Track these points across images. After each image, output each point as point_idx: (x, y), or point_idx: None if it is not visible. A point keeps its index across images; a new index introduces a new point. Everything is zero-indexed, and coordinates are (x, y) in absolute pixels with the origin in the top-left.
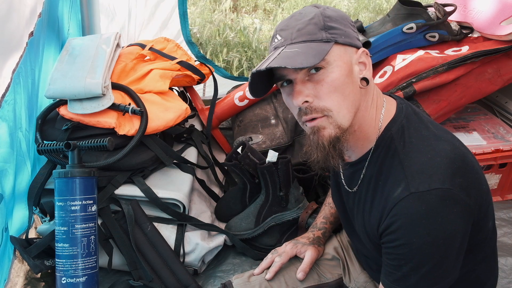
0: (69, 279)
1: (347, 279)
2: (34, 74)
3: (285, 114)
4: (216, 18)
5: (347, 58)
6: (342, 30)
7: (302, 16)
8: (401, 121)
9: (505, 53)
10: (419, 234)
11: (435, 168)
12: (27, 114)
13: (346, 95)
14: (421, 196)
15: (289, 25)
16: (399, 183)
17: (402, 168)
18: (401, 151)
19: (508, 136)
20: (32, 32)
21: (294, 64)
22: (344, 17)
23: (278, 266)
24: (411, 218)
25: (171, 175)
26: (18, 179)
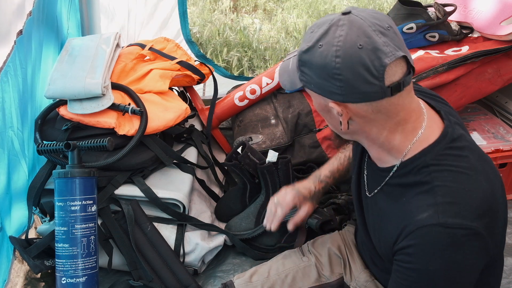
0: (69, 279)
1: (348, 277)
2: (26, 72)
3: (285, 114)
4: (216, 18)
5: (320, 100)
6: (313, 80)
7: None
8: (442, 149)
9: (505, 53)
10: (437, 263)
11: (469, 204)
12: (18, 113)
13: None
14: (448, 229)
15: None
16: (427, 208)
17: (433, 195)
18: (436, 178)
19: (508, 136)
20: (21, 31)
21: (280, 80)
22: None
23: (280, 218)
24: (433, 246)
25: (171, 175)
26: (14, 178)
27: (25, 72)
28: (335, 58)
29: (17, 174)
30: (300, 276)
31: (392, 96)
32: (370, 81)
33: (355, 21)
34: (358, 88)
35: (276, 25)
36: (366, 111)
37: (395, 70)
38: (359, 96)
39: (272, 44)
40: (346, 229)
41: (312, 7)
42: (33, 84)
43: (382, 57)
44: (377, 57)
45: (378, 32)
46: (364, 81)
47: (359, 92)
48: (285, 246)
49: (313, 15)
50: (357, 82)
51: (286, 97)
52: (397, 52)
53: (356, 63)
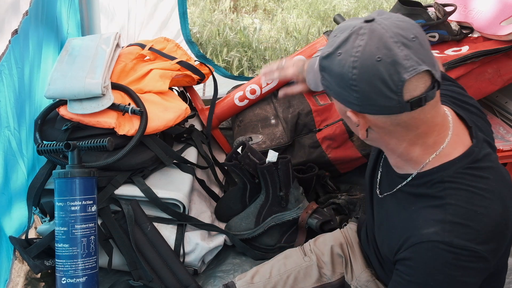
0: (69, 279)
1: (349, 276)
2: (23, 72)
3: (285, 114)
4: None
5: (341, 106)
6: (332, 87)
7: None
8: (462, 166)
9: (505, 53)
10: (437, 278)
11: (478, 228)
12: (15, 112)
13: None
14: (452, 249)
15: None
16: (435, 224)
17: (444, 211)
18: (449, 196)
19: (508, 136)
20: (16, 30)
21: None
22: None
23: (273, 79)
24: (434, 263)
25: (171, 175)
26: (12, 178)
27: (21, 71)
28: (352, 69)
29: (15, 174)
30: (301, 276)
31: (412, 111)
32: (388, 95)
33: (376, 31)
34: (375, 101)
35: (276, 25)
36: (385, 122)
37: (415, 85)
38: (376, 108)
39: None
40: (348, 227)
41: (312, 7)
42: (31, 83)
43: (401, 71)
44: (396, 71)
45: (400, 44)
46: (381, 95)
47: (376, 105)
48: (285, 246)
49: (313, 15)
50: (374, 95)
51: (286, 97)
52: (419, 67)
53: (373, 76)
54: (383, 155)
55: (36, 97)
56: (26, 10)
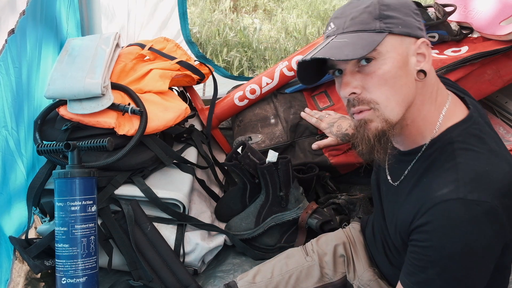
0: (69, 280)
1: (351, 276)
2: (21, 71)
3: (286, 114)
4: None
5: (403, 49)
6: (400, 19)
7: (359, 3)
8: (467, 128)
9: (505, 53)
10: (454, 240)
11: (490, 182)
12: (12, 112)
13: (397, 88)
14: (467, 204)
15: (344, 13)
16: (448, 184)
17: (456, 171)
18: (459, 156)
19: (508, 136)
20: (13, 30)
21: (340, 55)
22: (406, 4)
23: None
24: (451, 222)
25: (171, 175)
26: (11, 177)
27: (19, 71)
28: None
29: (13, 173)
30: (303, 276)
31: None
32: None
33: None
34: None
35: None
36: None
37: None
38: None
39: (272, 44)
40: (351, 226)
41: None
42: (29, 83)
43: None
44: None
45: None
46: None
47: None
48: (285, 246)
49: (313, 15)
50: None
51: (286, 97)
52: None
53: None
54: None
55: (36, 97)
56: (23, 10)
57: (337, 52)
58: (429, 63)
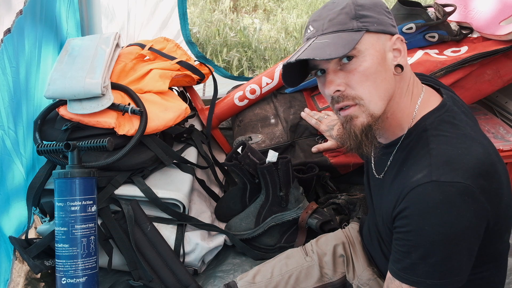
0: (69, 280)
1: (351, 275)
2: (18, 71)
3: (286, 114)
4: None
5: (380, 46)
6: (375, 18)
7: (335, 5)
8: (441, 115)
9: (504, 53)
10: (432, 223)
11: (462, 164)
12: (9, 111)
13: (378, 83)
14: (441, 186)
15: (321, 15)
16: (422, 170)
17: (429, 156)
18: (432, 141)
19: (508, 136)
20: (9, 29)
21: (323, 55)
22: (378, 4)
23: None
24: (426, 205)
25: (171, 175)
26: (8, 177)
27: (16, 71)
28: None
29: (11, 173)
30: (303, 276)
31: None
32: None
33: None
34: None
35: (276, 25)
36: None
37: None
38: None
39: (272, 44)
40: (350, 226)
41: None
42: (28, 83)
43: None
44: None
45: None
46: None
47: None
48: (285, 246)
49: None
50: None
51: (286, 97)
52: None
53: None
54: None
55: (36, 97)
56: (20, 9)
57: (320, 53)
58: (404, 57)
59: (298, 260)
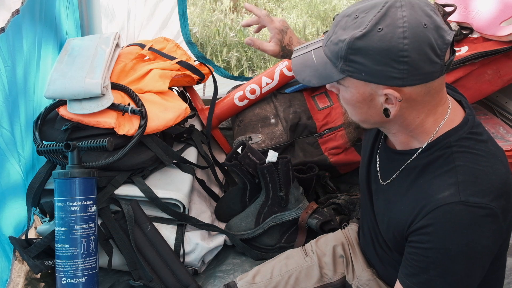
0: (69, 280)
1: (350, 276)
2: (14, 70)
3: (286, 114)
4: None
5: (366, 90)
6: (367, 66)
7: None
8: (464, 132)
9: (505, 53)
10: (457, 243)
11: (490, 184)
12: (4, 111)
13: (357, 111)
14: (470, 207)
15: (339, 24)
16: (449, 187)
17: (455, 174)
18: (458, 158)
19: (508, 136)
20: (3, 28)
21: (300, 76)
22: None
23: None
24: (454, 225)
25: (171, 175)
26: (2, 176)
27: (11, 70)
28: (403, 40)
29: (5, 172)
30: (303, 276)
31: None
32: (434, 61)
33: (412, 2)
34: (422, 69)
35: None
36: (419, 93)
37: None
38: (420, 77)
39: None
40: (350, 227)
41: (311, 7)
42: (27, 82)
43: (444, 35)
44: (440, 36)
45: (433, 12)
46: (428, 61)
47: (422, 73)
48: (285, 246)
49: (312, 15)
50: (422, 62)
51: (286, 97)
52: (450, 30)
53: (423, 42)
54: (378, 145)
55: (36, 97)
56: (16, 9)
57: (301, 71)
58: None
59: (297, 261)
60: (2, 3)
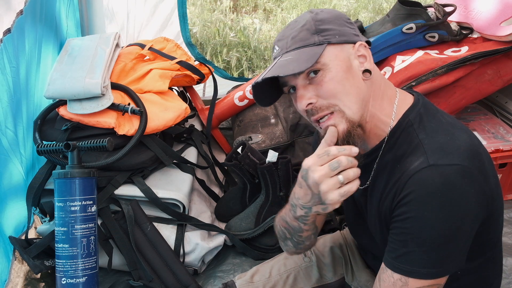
0: (69, 280)
1: (350, 277)
2: (18, 71)
3: (286, 114)
4: (215, 18)
5: (344, 55)
6: (335, 30)
7: (296, 24)
8: (419, 109)
9: (505, 54)
10: (432, 208)
11: (455, 147)
12: (9, 112)
13: (347, 89)
14: (440, 168)
15: (285, 35)
16: (418, 158)
17: (421, 146)
18: (420, 133)
19: (508, 136)
20: (9, 29)
21: (286, 71)
22: (338, 16)
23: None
24: (427, 190)
25: (171, 175)
26: (5, 176)
27: (16, 70)
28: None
29: (8, 172)
30: (301, 276)
31: None
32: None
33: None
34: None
35: (275, 25)
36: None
37: None
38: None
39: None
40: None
41: (311, 7)
42: (28, 83)
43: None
44: None
45: None
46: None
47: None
48: None
49: None
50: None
51: (286, 97)
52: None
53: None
54: None
55: (36, 97)
56: (20, 9)
57: (284, 70)
58: (370, 62)
59: (296, 261)
60: (9, 6)
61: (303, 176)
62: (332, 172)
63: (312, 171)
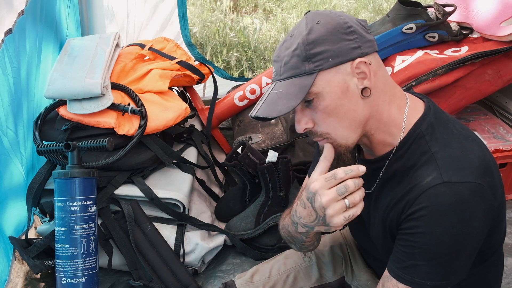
0: (69, 280)
1: (350, 277)
2: (19, 71)
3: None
4: (215, 18)
5: (338, 79)
6: (329, 51)
7: (290, 43)
8: (430, 119)
9: (505, 54)
10: (443, 225)
11: (468, 163)
12: (9, 111)
13: (341, 116)
14: (453, 187)
15: (280, 55)
16: (430, 173)
17: (434, 160)
18: (433, 146)
19: (508, 136)
20: (10, 29)
21: (274, 113)
22: (335, 29)
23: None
24: (439, 207)
25: (171, 175)
26: (6, 177)
27: (17, 71)
28: (340, 17)
29: (8, 172)
30: (301, 276)
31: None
32: (368, 30)
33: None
34: (365, 37)
35: (275, 25)
36: (375, 64)
37: None
38: (369, 44)
39: (272, 44)
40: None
41: (311, 7)
42: (29, 83)
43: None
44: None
45: None
46: (364, 30)
47: (367, 40)
48: (285, 246)
49: None
50: (362, 31)
51: None
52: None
53: (352, 17)
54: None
55: (36, 97)
56: (21, 10)
57: (272, 109)
58: (371, 79)
59: (296, 260)
60: (11, 7)
61: (309, 199)
62: (339, 197)
63: (319, 195)
